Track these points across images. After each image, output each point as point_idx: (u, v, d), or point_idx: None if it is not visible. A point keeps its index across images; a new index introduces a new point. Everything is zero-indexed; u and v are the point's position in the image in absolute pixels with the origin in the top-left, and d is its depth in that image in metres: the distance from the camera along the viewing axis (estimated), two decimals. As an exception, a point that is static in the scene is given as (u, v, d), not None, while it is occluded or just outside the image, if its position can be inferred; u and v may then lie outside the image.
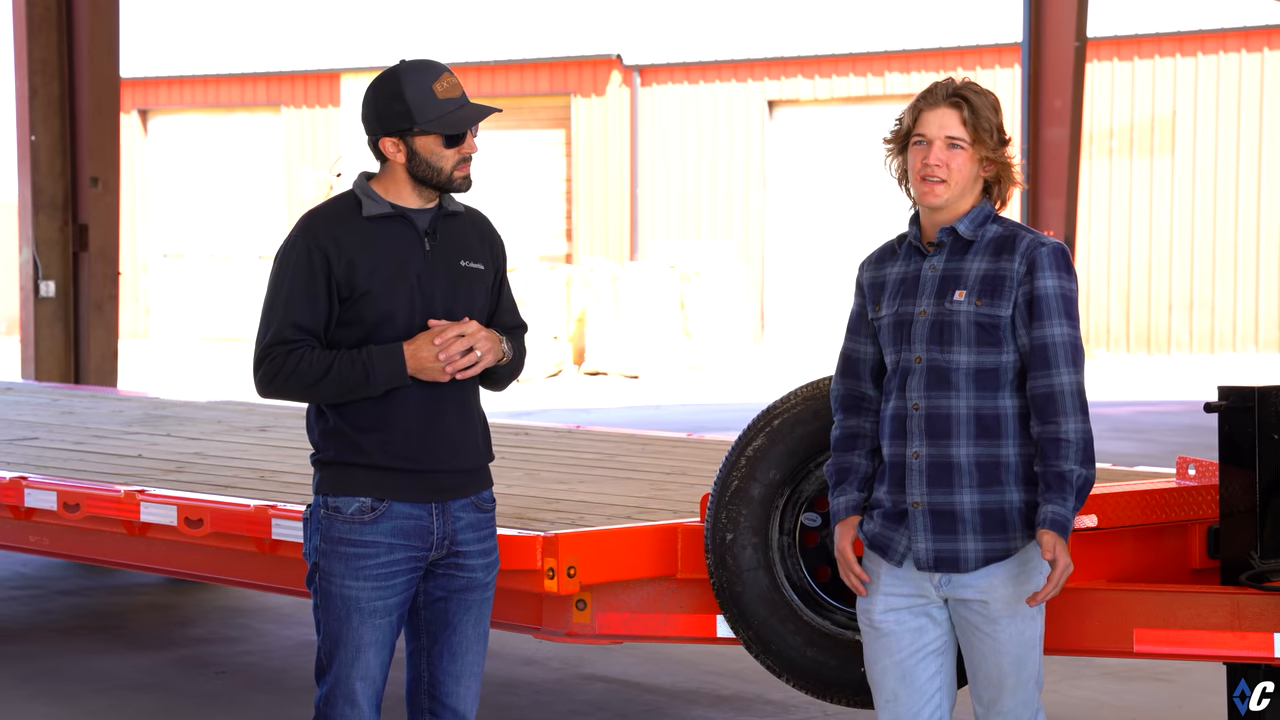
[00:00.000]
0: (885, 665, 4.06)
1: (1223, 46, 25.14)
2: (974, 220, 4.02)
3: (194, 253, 31.52)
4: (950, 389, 3.96)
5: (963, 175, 3.99)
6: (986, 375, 3.96)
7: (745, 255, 27.55)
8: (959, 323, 3.96)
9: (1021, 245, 3.98)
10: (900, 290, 4.05)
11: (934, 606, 4.03)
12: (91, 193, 12.70)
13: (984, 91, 4.01)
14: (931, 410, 3.96)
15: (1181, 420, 16.33)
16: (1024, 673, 3.99)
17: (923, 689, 4.03)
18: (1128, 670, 6.87)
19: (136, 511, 5.61)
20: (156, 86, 31.83)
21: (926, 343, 3.98)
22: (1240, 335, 24.93)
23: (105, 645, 7.59)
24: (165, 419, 8.01)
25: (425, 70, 4.05)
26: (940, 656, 4.05)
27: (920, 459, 3.97)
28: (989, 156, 4.00)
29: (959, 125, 3.97)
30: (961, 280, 3.98)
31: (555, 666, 7.12)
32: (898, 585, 4.04)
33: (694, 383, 21.94)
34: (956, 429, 3.95)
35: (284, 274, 4.04)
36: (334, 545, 4.04)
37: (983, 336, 3.95)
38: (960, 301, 3.96)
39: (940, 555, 3.97)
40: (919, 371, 3.98)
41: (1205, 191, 25.13)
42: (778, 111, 28.00)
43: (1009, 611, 3.96)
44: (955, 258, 4.01)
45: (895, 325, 4.03)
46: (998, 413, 3.96)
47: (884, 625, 4.04)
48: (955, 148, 3.97)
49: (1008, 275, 3.95)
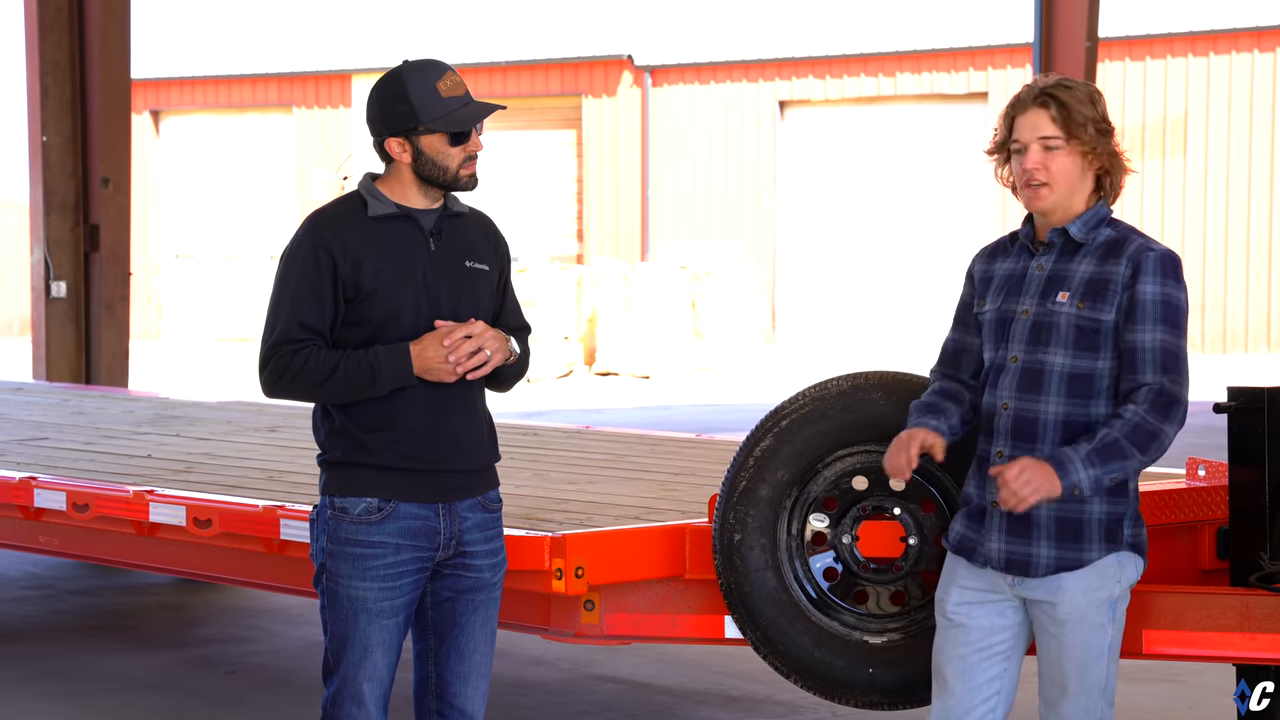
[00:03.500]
0: (949, 656, 4.03)
1: (1235, 46, 25.09)
2: (1087, 223, 3.97)
3: (206, 253, 31.56)
4: (1041, 391, 3.91)
5: (1066, 174, 3.92)
6: (1080, 380, 3.90)
7: (756, 256, 27.53)
8: (1059, 324, 3.91)
9: (1130, 249, 3.92)
10: (1006, 287, 4.01)
11: (1008, 605, 3.99)
12: (103, 193, 12.71)
13: (1076, 85, 3.93)
14: (1020, 411, 3.92)
15: (1193, 421, 16.24)
16: (1087, 680, 3.94)
17: (980, 689, 4.00)
18: (1139, 671, 6.85)
19: (145, 512, 5.61)
20: (168, 87, 31.88)
21: (1024, 342, 3.94)
22: (1252, 336, 24.86)
23: (116, 645, 7.60)
24: (175, 419, 8.02)
25: (429, 69, 4.05)
26: (1005, 661, 4.01)
27: (1004, 458, 3.92)
28: (1090, 150, 3.92)
29: (1050, 124, 3.91)
30: (1067, 282, 3.93)
31: (564, 667, 7.12)
32: (973, 579, 4.01)
33: (705, 383, 21.92)
34: (1043, 433, 3.90)
35: (290, 274, 4.04)
36: (341, 546, 4.03)
37: (1081, 340, 3.90)
38: (1063, 303, 3.91)
39: (1012, 557, 3.94)
40: (1013, 371, 3.94)
41: (1217, 192, 25.07)
42: (789, 112, 27.98)
43: (1076, 616, 3.91)
44: (1064, 259, 3.96)
45: (997, 322, 4.00)
46: (1088, 420, 3.90)
47: (956, 617, 4.02)
48: (1051, 149, 3.91)
49: (1113, 279, 3.90)
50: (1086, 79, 15.03)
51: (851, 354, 25.29)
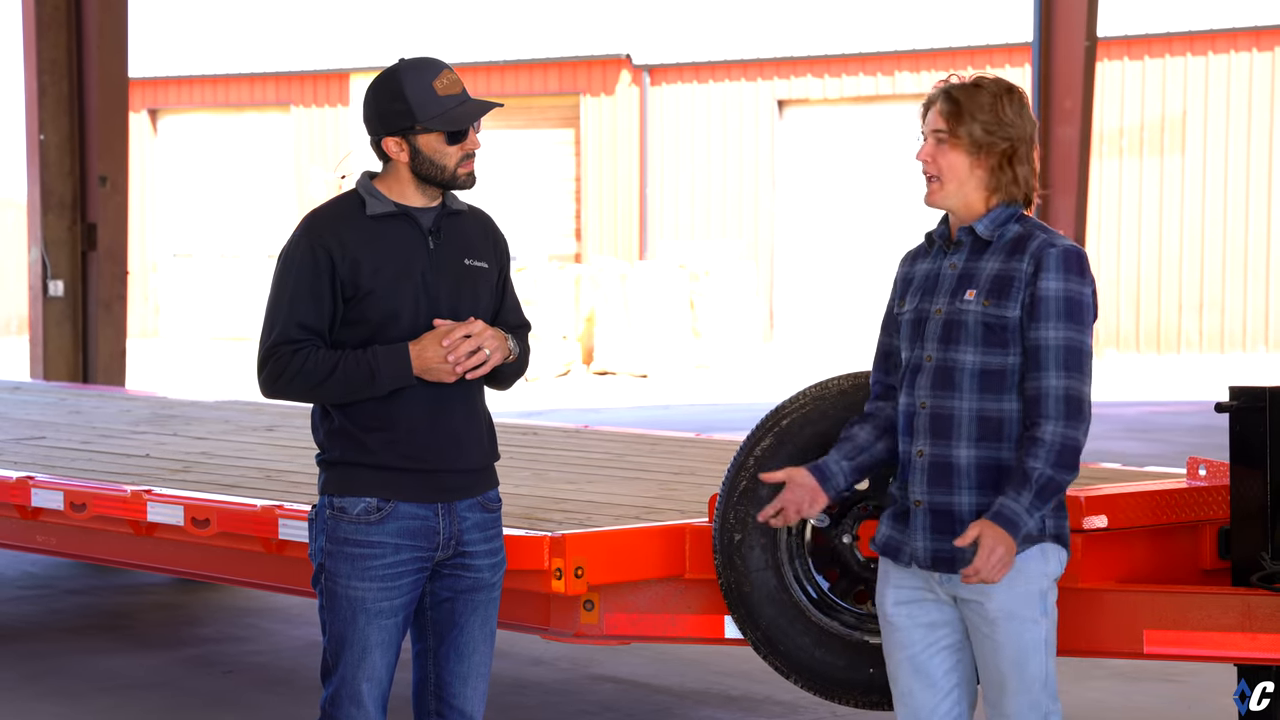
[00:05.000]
0: (899, 659, 4.04)
1: (1233, 46, 25.08)
2: (994, 220, 3.97)
3: (203, 252, 31.53)
4: (955, 389, 3.93)
5: (952, 169, 3.93)
6: (991, 377, 3.92)
7: (755, 255, 27.51)
8: (967, 322, 3.93)
9: (1032, 245, 3.93)
10: (923, 287, 4.02)
11: (944, 603, 4.00)
12: (100, 192, 12.70)
13: (987, 85, 3.92)
14: (936, 409, 3.94)
15: (1193, 420, 16.29)
16: (1026, 676, 3.94)
17: (938, 684, 4.00)
18: (1137, 671, 6.84)
19: (143, 511, 5.59)
20: (166, 86, 31.85)
21: (937, 341, 3.96)
22: (1250, 335, 24.85)
23: (113, 644, 7.58)
24: (173, 418, 8.00)
25: (425, 68, 4.03)
26: (956, 652, 4.02)
27: (924, 457, 3.95)
28: (976, 148, 3.91)
29: (939, 119, 3.93)
30: (975, 280, 3.94)
31: (563, 667, 7.10)
32: (906, 579, 4.02)
33: (703, 382, 21.91)
34: (959, 429, 3.92)
35: (288, 273, 4.02)
36: (340, 546, 4.02)
37: (989, 337, 3.92)
38: (970, 301, 3.93)
39: (938, 555, 3.95)
40: (928, 370, 3.96)
41: (1216, 191, 25.06)
42: (787, 111, 27.96)
43: (1005, 613, 3.92)
44: (974, 257, 3.98)
45: (914, 322, 4.01)
46: (1001, 415, 3.92)
47: (896, 619, 4.02)
48: (940, 143, 3.93)
49: (1016, 275, 3.91)
50: (1086, 78, 15.07)
51: (849, 353, 25.28)
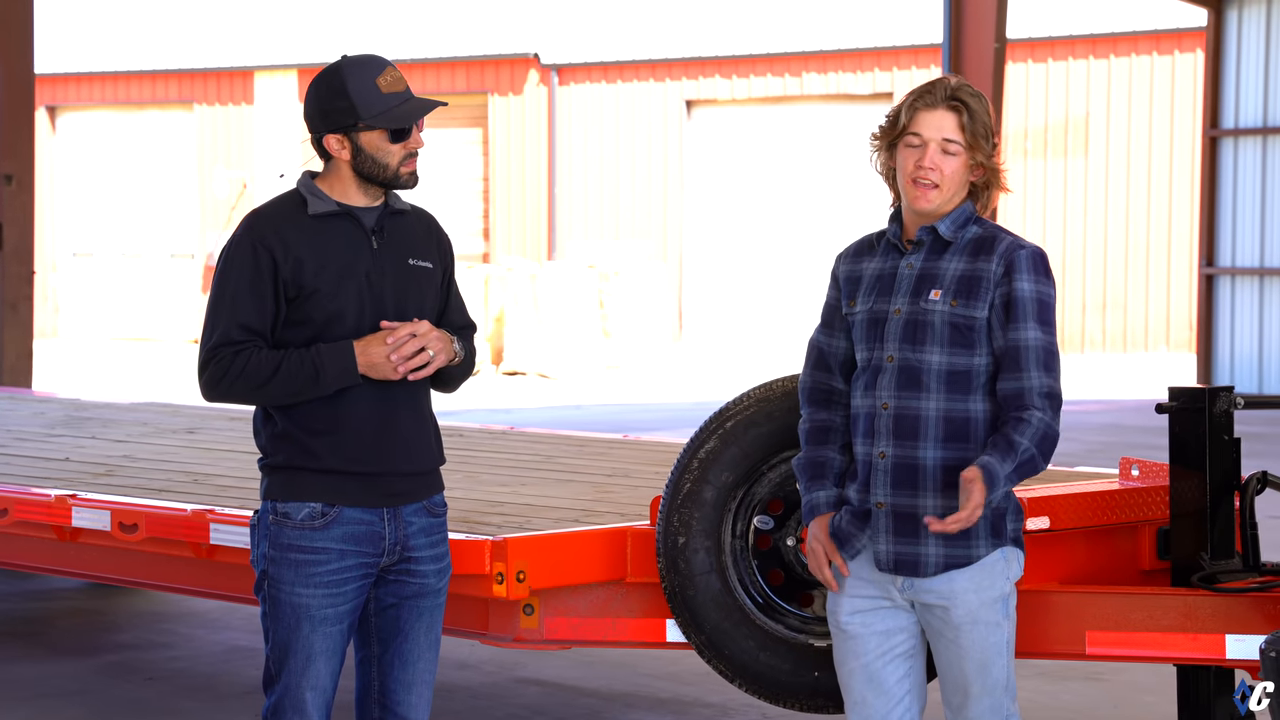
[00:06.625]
0: (853, 668, 4.01)
1: (1135, 49, 25.39)
2: (955, 221, 3.97)
3: (104, 251, 31.11)
4: (921, 390, 3.90)
5: (955, 180, 3.94)
6: (958, 377, 3.91)
7: (664, 255, 27.52)
8: (933, 322, 3.91)
9: (1000, 247, 3.93)
10: (876, 287, 3.99)
11: (900, 610, 3.98)
12: (6, 191, 12.48)
13: (980, 95, 3.94)
14: (900, 410, 3.91)
15: (1101, 419, 16.47)
16: (989, 679, 3.95)
17: (891, 692, 3.99)
18: (1062, 671, 6.87)
19: (68, 516, 5.47)
20: (65, 83, 31.39)
21: (899, 341, 3.93)
22: (1152, 335, 25.17)
23: (26, 652, 7.42)
24: (89, 420, 7.85)
25: (368, 65, 3.98)
26: (909, 659, 4.01)
27: (886, 459, 3.92)
28: (982, 162, 3.94)
29: (956, 129, 3.91)
30: (938, 280, 3.93)
31: (489, 670, 7.04)
32: (863, 588, 3.99)
33: (614, 382, 21.88)
34: (925, 430, 3.90)
35: (229, 274, 3.94)
36: (283, 552, 3.94)
37: (956, 337, 3.90)
38: (935, 301, 3.91)
39: (901, 558, 3.92)
40: (890, 370, 3.93)
41: (1118, 192, 25.36)
42: (696, 111, 28.00)
43: (970, 618, 3.92)
44: (933, 257, 3.96)
45: (869, 322, 3.98)
46: (967, 416, 3.91)
47: (850, 628, 4.00)
48: (950, 153, 3.91)
49: (985, 276, 3.91)
50: (995, 80, 15.18)
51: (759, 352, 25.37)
